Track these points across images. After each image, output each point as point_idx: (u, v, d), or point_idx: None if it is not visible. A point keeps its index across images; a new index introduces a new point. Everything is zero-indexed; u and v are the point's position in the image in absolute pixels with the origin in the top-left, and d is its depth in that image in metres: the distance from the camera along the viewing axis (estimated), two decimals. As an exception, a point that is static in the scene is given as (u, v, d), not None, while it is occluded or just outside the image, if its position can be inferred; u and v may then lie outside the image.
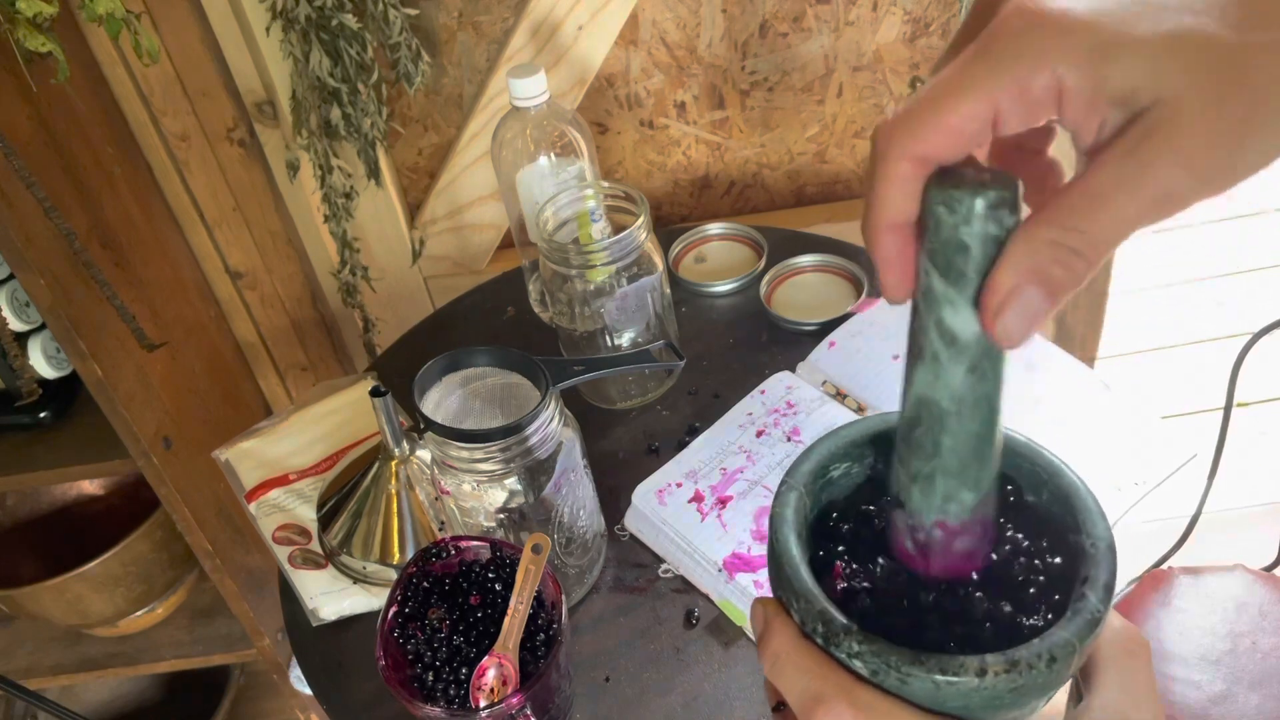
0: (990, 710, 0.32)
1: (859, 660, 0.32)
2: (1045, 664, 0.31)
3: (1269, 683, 0.85)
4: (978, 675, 0.31)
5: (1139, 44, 0.26)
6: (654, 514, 0.83)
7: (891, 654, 0.32)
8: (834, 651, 0.33)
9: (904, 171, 0.29)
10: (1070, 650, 0.31)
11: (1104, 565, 0.33)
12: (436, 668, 0.69)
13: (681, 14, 1.15)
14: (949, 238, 0.28)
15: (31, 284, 0.95)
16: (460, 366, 0.73)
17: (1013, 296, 0.28)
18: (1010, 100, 0.27)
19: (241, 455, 0.90)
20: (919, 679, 0.31)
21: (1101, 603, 0.32)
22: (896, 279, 0.31)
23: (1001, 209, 0.28)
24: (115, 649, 1.41)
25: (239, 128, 1.21)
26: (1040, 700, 0.32)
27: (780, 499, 0.37)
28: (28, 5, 0.85)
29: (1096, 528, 0.34)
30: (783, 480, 0.38)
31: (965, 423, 0.32)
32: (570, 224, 0.90)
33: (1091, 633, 0.32)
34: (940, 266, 0.29)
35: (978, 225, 0.28)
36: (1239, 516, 1.64)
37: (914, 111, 0.28)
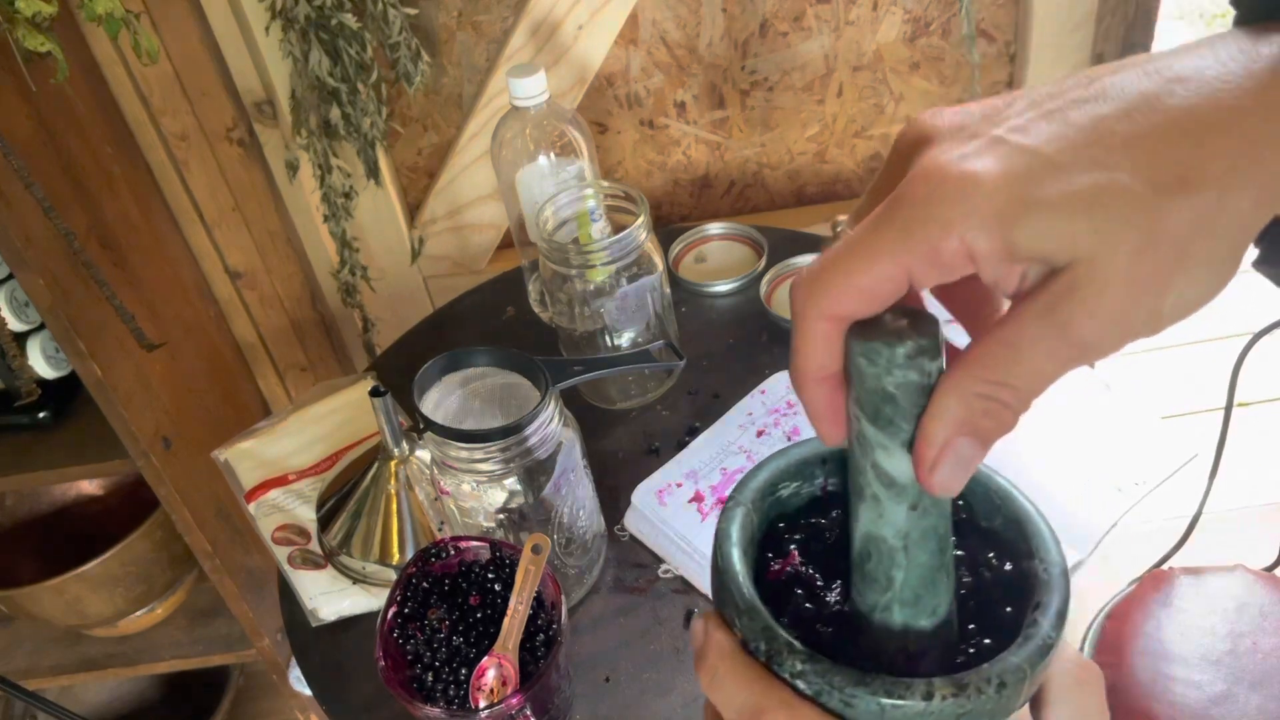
0: None
1: (802, 680, 0.31)
2: (994, 689, 0.30)
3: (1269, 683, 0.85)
4: (924, 698, 0.30)
5: (1048, 205, 0.25)
6: (654, 514, 0.83)
7: (835, 674, 0.31)
8: (776, 669, 0.32)
9: (822, 330, 0.29)
10: (1020, 676, 0.31)
11: (1057, 591, 0.33)
12: (436, 668, 0.68)
13: (681, 13, 1.15)
14: (874, 387, 0.29)
15: (31, 284, 0.95)
16: (460, 366, 0.72)
17: (946, 450, 0.29)
18: (921, 264, 0.27)
19: (241, 455, 0.90)
20: (863, 700, 0.30)
21: (1054, 629, 0.32)
22: (829, 428, 0.32)
23: (921, 357, 0.29)
24: (114, 649, 1.41)
25: (238, 127, 1.21)
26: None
27: (726, 515, 0.36)
28: (27, 5, 0.85)
29: (1050, 553, 0.34)
30: (729, 496, 0.37)
31: (915, 556, 0.32)
32: (570, 224, 0.90)
33: (1042, 659, 0.31)
34: (869, 414, 0.30)
35: (899, 374, 0.29)
36: (1239, 516, 1.64)
37: (827, 272, 0.28)
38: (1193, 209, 0.25)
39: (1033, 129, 0.26)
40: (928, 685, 0.30)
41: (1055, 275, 0.26)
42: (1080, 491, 0.81)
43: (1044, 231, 0.26)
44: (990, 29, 1.17)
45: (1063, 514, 0.79)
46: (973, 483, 0.36)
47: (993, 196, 0.26)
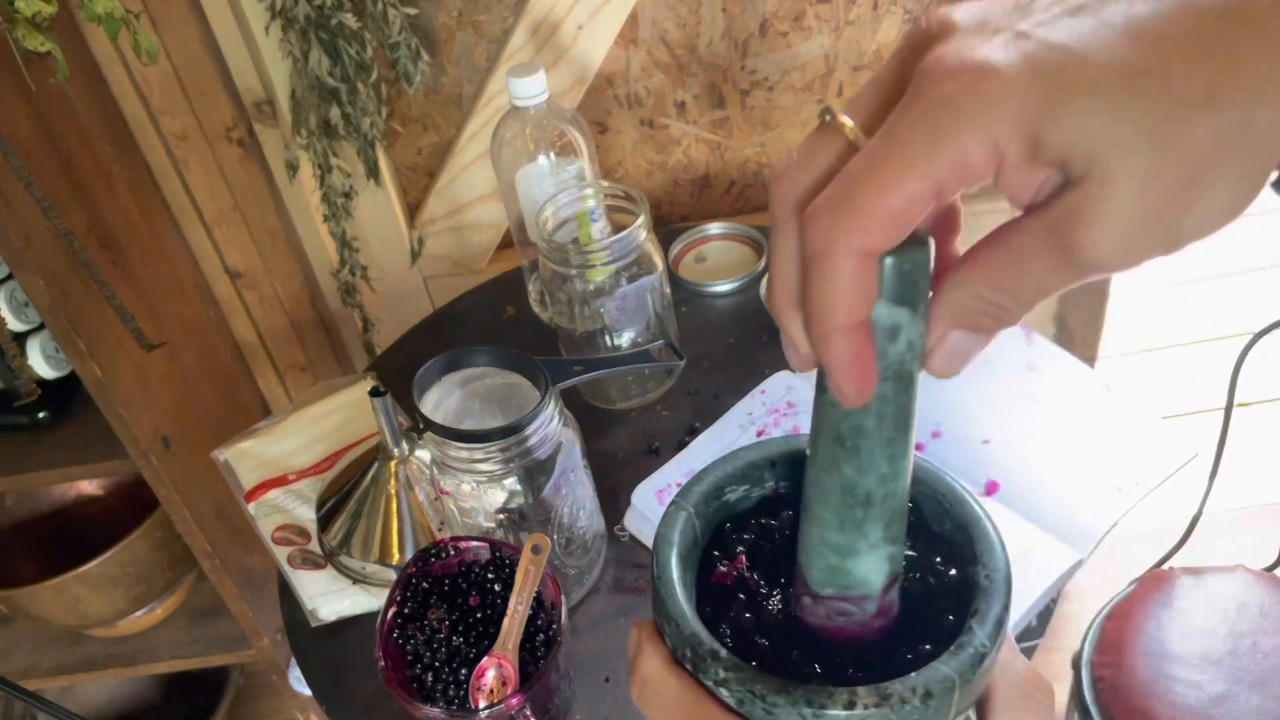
0: None
1: (725, 688, 0.31)
2: (920, 699, 0.30)
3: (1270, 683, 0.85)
4: (845, 708, 0.29)
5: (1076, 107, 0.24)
6: (654, 514, 0.83)
7: (757, 682, 0.30)
8: (702, 678, 0.32)
9: (854, 268, 0.26)
10: (948, 686, 0.30)
11: (996, 599, 0.32)
12: (436, 668, 0.68)
13: (681, 13, 1.15)
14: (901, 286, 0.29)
15: (30, 284, 0.95)
16: (460, 366, 0.72)
17: (944, 339, 0.29)
18: (952, 173, 0.25)
19: (240, 455, 0.90)
20: (784, 710, 0.30)
21: (989, 638, 0.31)
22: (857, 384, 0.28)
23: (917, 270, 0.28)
24: (114, 649, 1.41)
25: (238, 127, 1.21)
26: None
27: (666, 519, 0.36)
28: (27, 5, 0.85)
29: (994, 559, 0.33)
30: (672, 500, 0.37)
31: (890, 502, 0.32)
32: (570, 224, 0.90)
33: (975, 670, 0.30)
34: None
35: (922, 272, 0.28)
36: (1240, 516, 1.64)
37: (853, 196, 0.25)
38: (1219, 124, 0.23)
39: (1061, 25, 0.24)
40: (850, 694, 0.30)
41: (1067, 189, 0.25)
42: (1080, 491, 0.81)
43: (1069, 134, 0.24)
44: (990, 29, 1.17)
45: (1063, 514, 0.79)
46: (922, 485, 0.36)
47: (1023, 93, 0.24)
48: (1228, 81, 0.23)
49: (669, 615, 0.33)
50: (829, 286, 0.26)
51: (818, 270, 0.26)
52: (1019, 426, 0.86)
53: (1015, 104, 0.24)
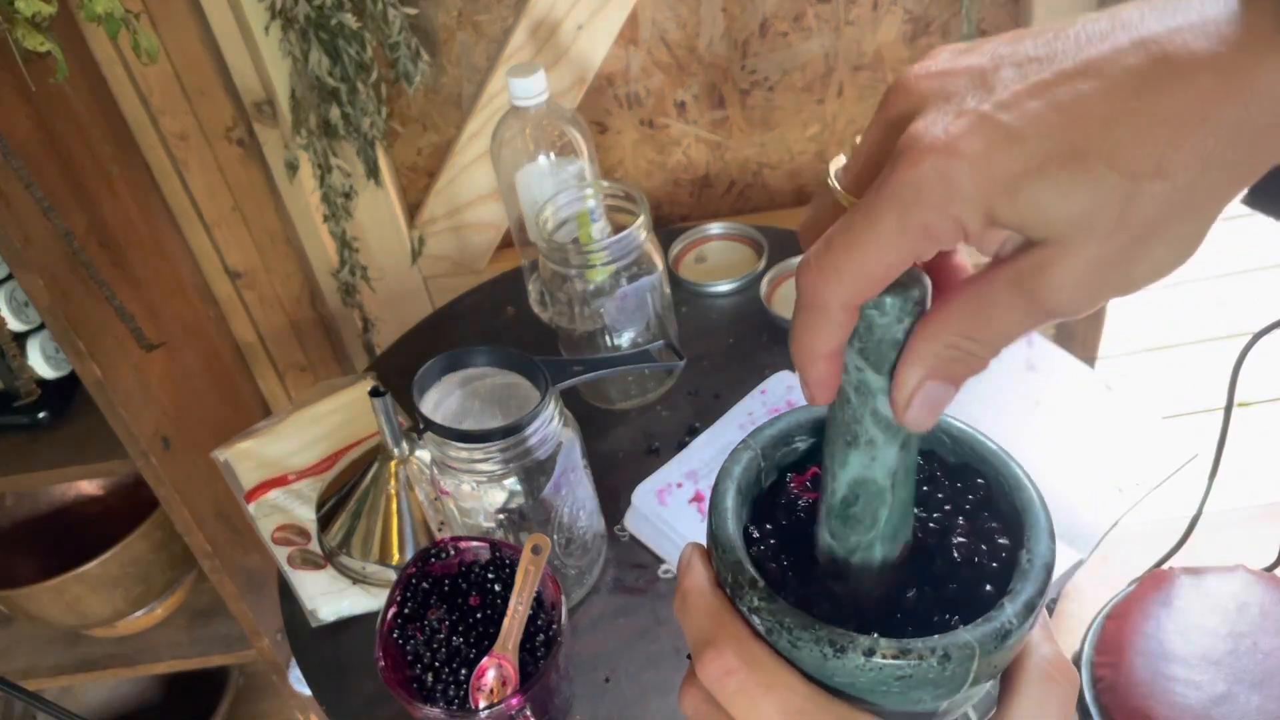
0: (878, 696, 0.32)
1: (757, 616, 0.33)
2: (937, 659, 0.31)
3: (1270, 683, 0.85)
4: (865, 654, 0.31)
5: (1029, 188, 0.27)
6: (654, 514, 0.83)
7: (787, 615, 0.32)
8: (738, 604, 0.34)
9: (840, 317, 0.31)
10: (967, 653, 0.31)
11: (1032, 582, 0.33)
12: (436, 668, 0.68)
13: (681, 13, 1.15)
14: (883, 337, 0.31)
15: (30, 284, 0.95)
16: (460, 366, 0.72)
17: (918, 391, 0.31)
18: (922, 243, 0.29)
19: (240, 455, 0.90)
20: (807, 646, 0.32)
21: (1016, 617, 0.32)
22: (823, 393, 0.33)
23: (921, 305, 0.31)
24: (114, 650, 1.41)
25: (238, 127, 1.21)
26: (933, 699, 0.32)
27: (733, 455, 0.38)
28: (26, 5, 0.85)
29: (1039, 545, 0.34)
30: (742, 440, 0.39)
31: (899, 492, 0.34)
32: (570, 224, 0.90)
33: (997, 643, 0.32)
34: (873, 362, 0.32)
35: (907, 322, 0.31)
36: (1239, 516, 1.64)
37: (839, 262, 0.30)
38: (1166, 194, 0.26)
39: (1017, 107, 0.27)
40: (872, 643, 0.31)
41: (1030, 247, 0.28)
42: (1080, 491, 0.81)
43: (1024, 210, 0.27)
44: (990, 29, 1.17)
45: (1063, 514, 0.79)
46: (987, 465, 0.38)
47: (982, 178, 0.27)
48: (1171, 158, 0.26)
49: (718, 541, 0.35)
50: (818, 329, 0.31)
51: (809, 316, 0.31)
52: (1019, 427, 0.86)
53: (975, 188, 0.27)
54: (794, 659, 0.32)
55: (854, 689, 0.32)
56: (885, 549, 0.35)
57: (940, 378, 0.31)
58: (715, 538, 0.35)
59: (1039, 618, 0.34)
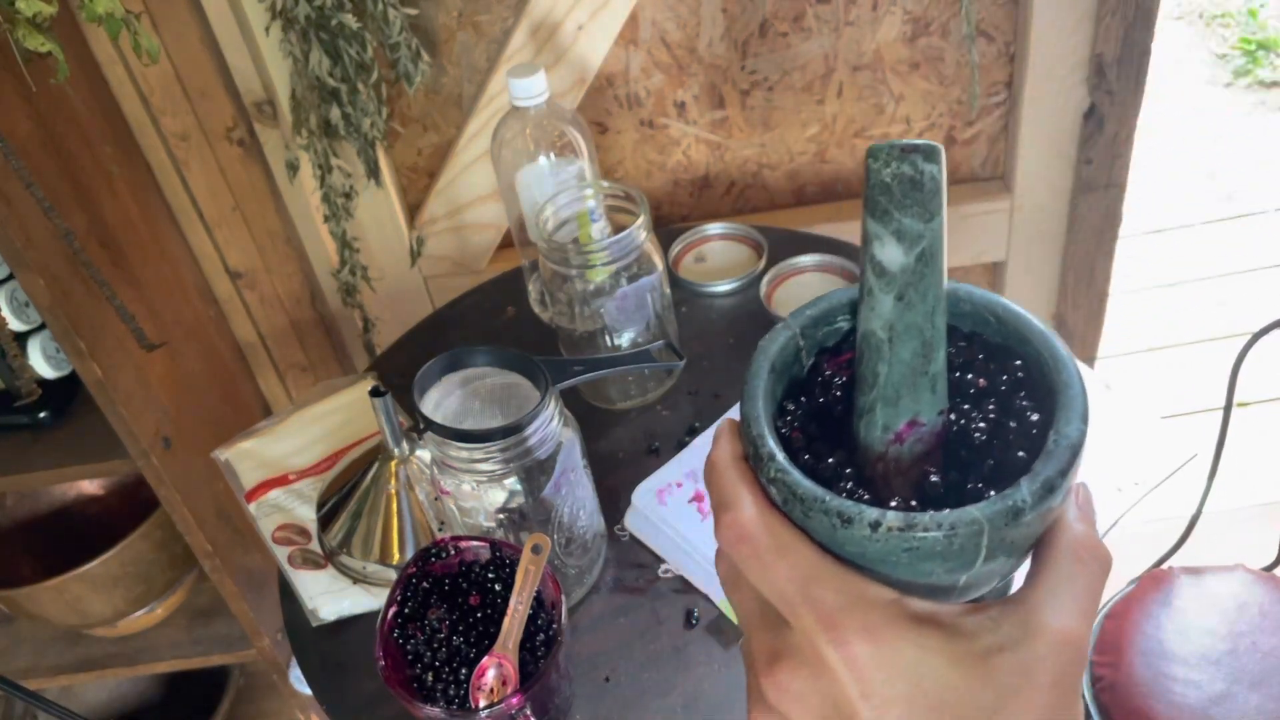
0: (889, 566, 0.32)
1: (773, 486, 0.34)
2: (943, 533, 0.31)
3: (1269, 683, 0.85)
4: (871, 526, 0.32)
5: None
6: (654, 514, 0.83)
7: (800, 486, 0.33)
8: (759, 475, 0.35)
9: None
10: (975, 529, 0.31)
11: (1054, 462, 0.33)
12: (436, 668, 0.69)
13: (681, 13, 1.15)
14: (874, 181, 0.32)
15: (30, 284, 0.95)
16: (460, 366, 0.72)
17: None
18: None
19: (241, 455, 0.90)
20: (817, 516, 0.33)
21: (1031, 495, 0.32)
22: None
23: (915, 155, 0.32)
24: (114, 649, 1.41)
25: (238, 127, 1.21)
26: (945, 572, 0.32)
27: (770, 334, 0.39)
28: (27, 5, 0.85)
29: (1069, 425, 0.34)
30: (782, 321, 0.39)
31: (898, 350, 0.34)
32: (570, 224, 0.90)
33: (1009, 520, 0.32)
34: (869, 209, 0.33)
35: (894, 166, 0.32)
36: (1239, 516, 1.64)
37: None
38: None
39: None
40: (879, 515, 0.32)
41: None
42: (1080, 491, 0.81)
43: None
44: (990, 29, 1.17)
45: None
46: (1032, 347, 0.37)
47: None
48: None
49: (745, 415, 0.36)
50: None
51: None
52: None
53: None
54: (807, 529, 0.33)
55: (865, 559, 0.33)
56: (885, 414, 0.35)
57: None
58: (743, 411, 0.36)
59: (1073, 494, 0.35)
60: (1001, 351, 0.38)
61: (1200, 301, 2.08)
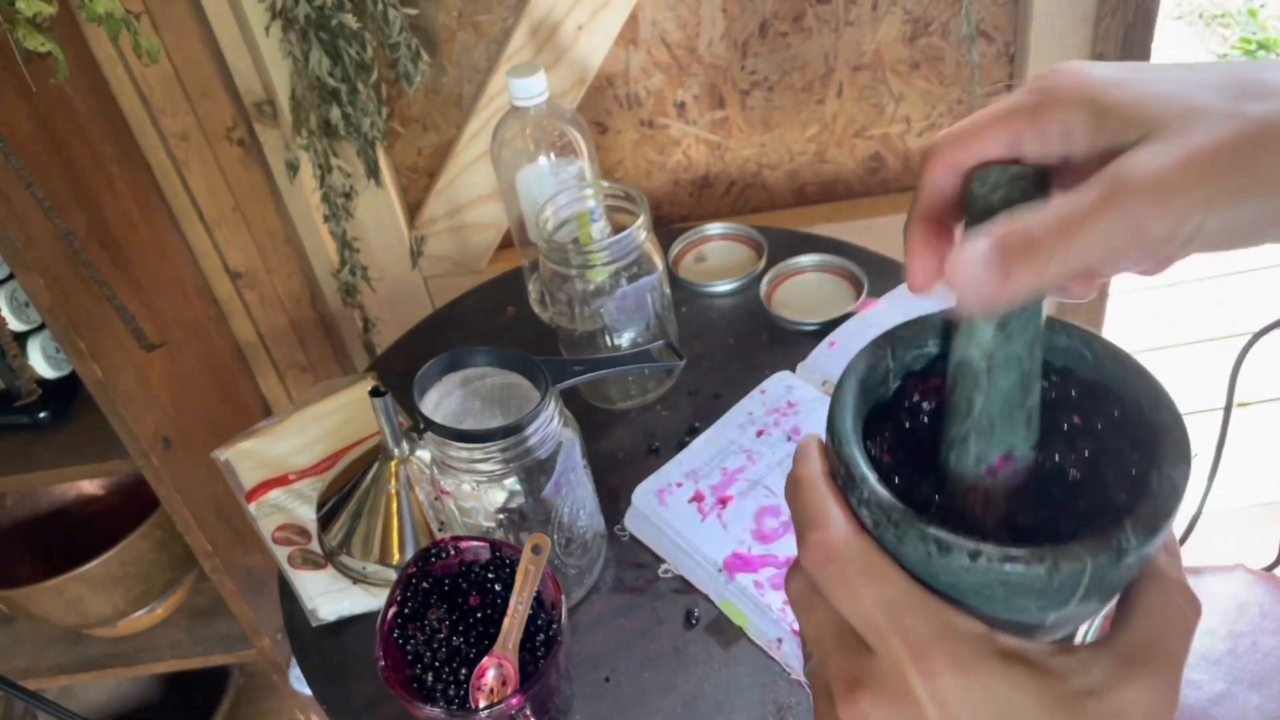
0: (982, 600, 0.31)
1: (865, 508, 0.33)
2: (1045, 568, 0.30)
3: (1269, 683, 0.85)
4: (970, 557, 0.30)
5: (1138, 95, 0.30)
6: (654, 514, 0.83)
7: (894, 510, 0.32)
8: (848, 495, 0.34)
9: (941, 173, 0.34)
10: (1078, 567, 0.30)
11: (1159, 503, 0.32)
12: (436, 668, 0.68)
13: (681, 13, 1.15)
14: (979, 206, 0.32)
15: (30, 284, 0.95)
16: (460, 366, 0.72)
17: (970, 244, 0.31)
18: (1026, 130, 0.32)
19: (241, 455, 0.90)
20: (912, 542, 0.31)
21: (1136, 536, 0.31)
22: (920, 267, 0.35)
23: (1024, 180, 0.32)
24: (114, 649, 1.41)
25: (238, 127, 1.21)
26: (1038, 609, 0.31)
27: (861, 352, 0.38)
28: (27, 5, 0.85)
29: (1174, 468, 0.33)
30: (873, 339, 0.38)
31: (996, 381, 0.33)
32: (570, 224, 0.90)
33: (1111, 560, 0.30)
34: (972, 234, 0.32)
35: (1002, 192, 0.32)
36: (1239, 516, 1.64)
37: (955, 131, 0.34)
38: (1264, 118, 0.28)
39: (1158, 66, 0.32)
40: (977, 545, 0.30)
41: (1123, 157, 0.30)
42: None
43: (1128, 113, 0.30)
44: (990, 29, 1.17)
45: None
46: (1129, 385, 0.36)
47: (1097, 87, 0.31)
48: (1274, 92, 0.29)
49: (834, 432, 0.35)
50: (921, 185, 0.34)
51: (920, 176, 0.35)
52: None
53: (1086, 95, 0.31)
54: (898, 555, 0.32)
55: (957, 590, 0.31)
56: (979, 446, 0.34)
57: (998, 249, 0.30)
58: (832, 428, 0.35)
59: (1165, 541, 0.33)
60: (1096, 388, 0.37)
61: (1200, 301, 2.08)
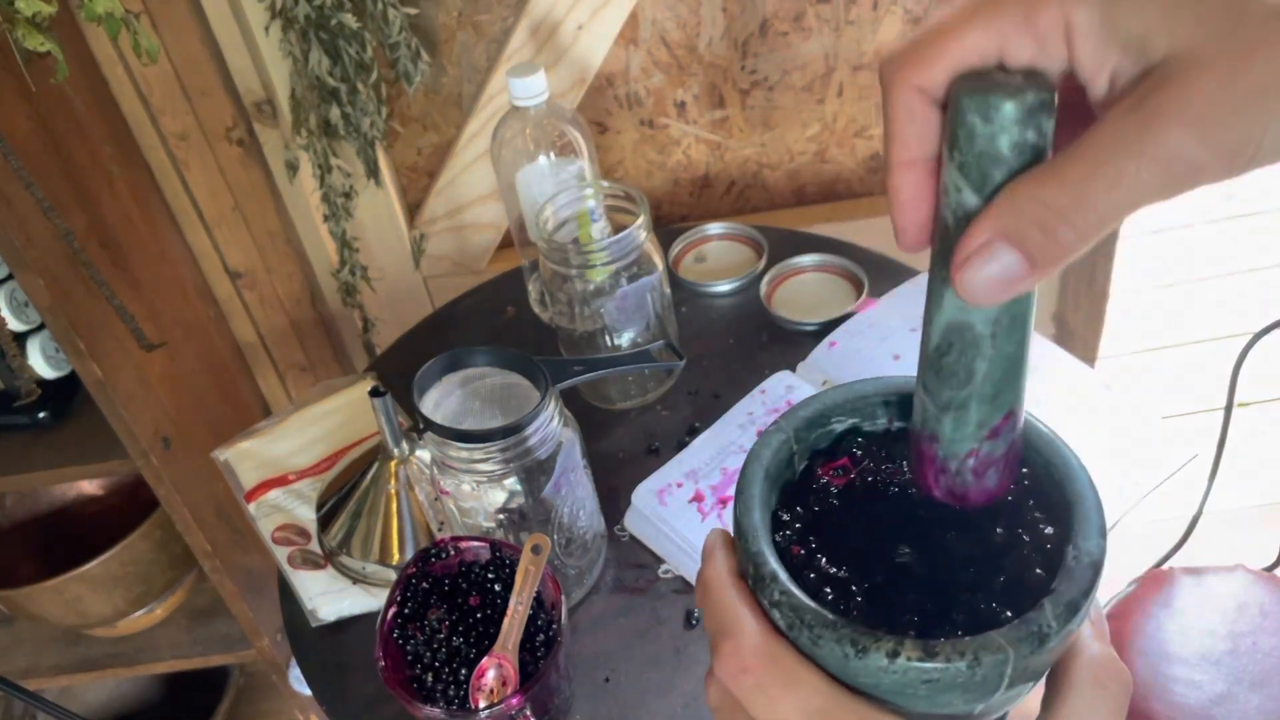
0: (905, 699, 0.30)
1: (777, 610, 0.31)
2: (966, 663, 0.29)
3: (1270, 683, 0.85)
4: (889, 656, 0.29)
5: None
6: (654, 514, 0.83)
7: (807, 611, 0.30)
8: (760, 597, 0.32)
9: (906, 102, 0.27)
10: (1001, 659, 0.29)
11: (1077, 582, 0.31)
12: (436, 668, 0.68)
13: (682, 13, 1.15)
14: (984, 149, 0.26)
15: (30, 284, 0.95)
16: (460, 366, 0.72)
17: (982, 251, 0.26)
18: (1016, 32, 0.25)
19: (241, 455, 0.90)
20: (828, 644, 0.30)
21: (1056, 619, 0.30)
22: (909, 222, 0.29)
23: (1040, 114, 0.26)
24: (114, 649, 1.41)
25: (238, 127, 1.21)
26: (964, 703, 0.30)
27: (763, 439, 0.36)
28: (26, 5, 0.85)
29: (1087, 541, 0.32)
30: (774, 422, 0.36)
31: (1001, 345, 0.30)
32: (570, 224, 0.90)
33: (1035, 648, 0.29)
34: (974, 181, 0.27)
35: (1016, 132, 0.26)
36: (1240, 516, 1.64)
37: (918, 41, 0.27)
38: None
39: None
40: (896, 643, 0.29)
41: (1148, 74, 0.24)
42: (1080, 491, 0.81)
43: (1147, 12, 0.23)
44: (990, 29, 1.17)
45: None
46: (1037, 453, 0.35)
47: None
48: None
49: (740, 530, 0.33)
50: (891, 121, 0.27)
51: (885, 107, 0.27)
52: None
53: None
54: (815, 657, 0.31)
55: (878, 690, 0.30)
56: (982, 411, 0.32)
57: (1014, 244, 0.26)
58: (739, 525, 0.34)
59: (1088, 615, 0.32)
60: None
61: (1200, 301, 2.08)
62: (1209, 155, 0.23)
